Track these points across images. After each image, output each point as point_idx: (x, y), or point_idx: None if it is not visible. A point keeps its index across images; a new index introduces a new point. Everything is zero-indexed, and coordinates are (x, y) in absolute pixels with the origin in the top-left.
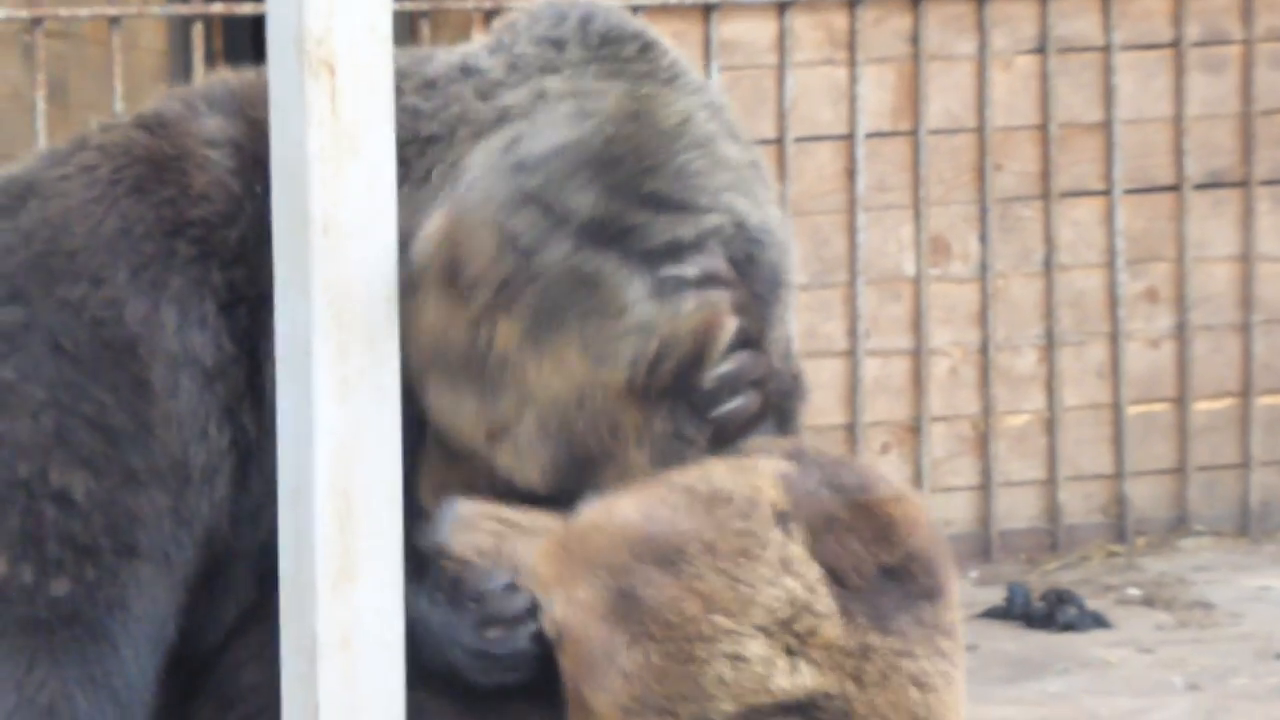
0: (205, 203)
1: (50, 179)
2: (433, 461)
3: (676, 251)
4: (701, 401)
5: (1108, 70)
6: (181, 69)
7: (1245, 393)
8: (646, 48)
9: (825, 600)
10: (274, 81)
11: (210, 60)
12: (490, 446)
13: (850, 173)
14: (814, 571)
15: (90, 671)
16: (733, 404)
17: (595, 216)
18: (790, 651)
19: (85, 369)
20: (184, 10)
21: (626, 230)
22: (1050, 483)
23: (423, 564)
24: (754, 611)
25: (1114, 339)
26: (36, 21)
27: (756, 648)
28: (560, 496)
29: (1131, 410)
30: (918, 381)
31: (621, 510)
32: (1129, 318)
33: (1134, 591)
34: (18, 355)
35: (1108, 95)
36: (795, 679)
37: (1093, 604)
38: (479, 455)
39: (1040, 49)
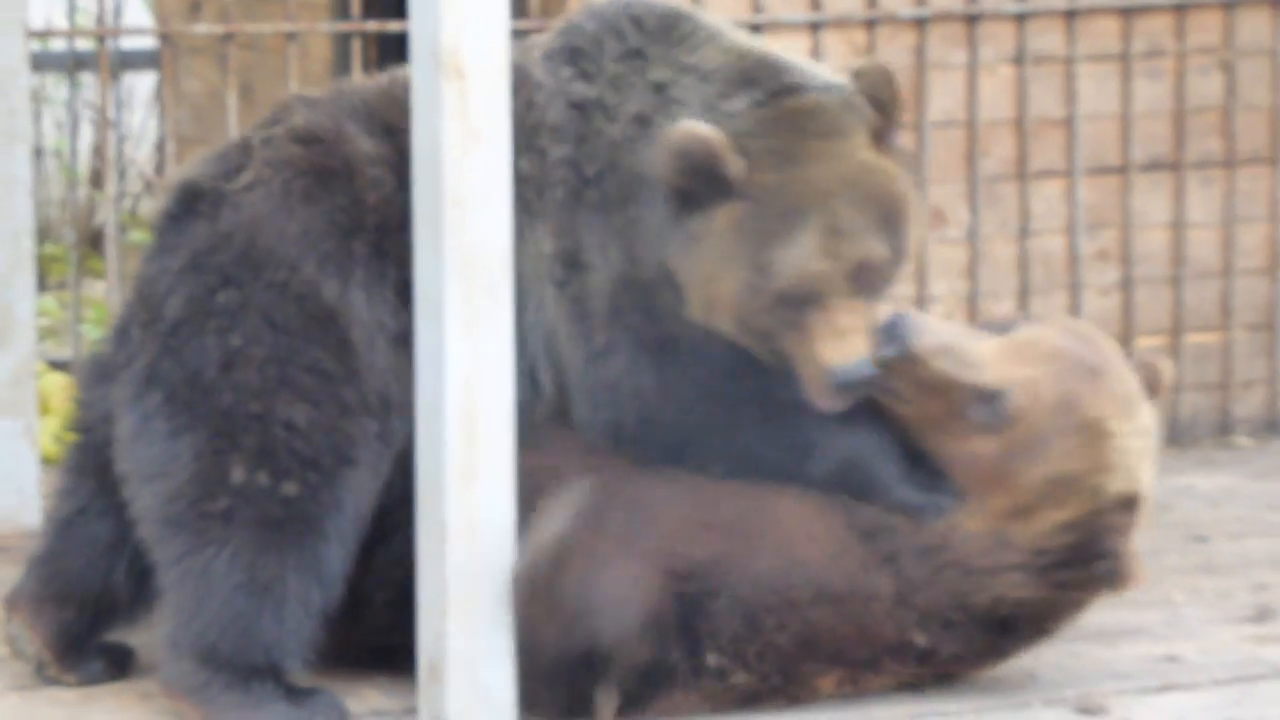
0: (376, 214)
1: (234, 190)
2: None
3: None
4: None
5: (1070, 77)
6: (344, 74)
7: (1176, 331)
8: (691, 21)
9: (1152, 422)
10: (416, 84)
11: (366, 67)
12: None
13: None
14: (1146, 399)
15: (305, 559)
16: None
17: (758, 99)
18: (1143, 455)
19: (295, 333)
20: (345, 27)
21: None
22: None
23: None
24: (1135, 420)
25: (1074, 289)
26: (229, 36)
27: (1137, 445)
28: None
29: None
30: None
31: (1050, 335)
32: (1085, 272)
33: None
34: (241, 326)
35: (1070, 96)
36: (1145, 474)
37: None
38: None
39: (1018, 60)
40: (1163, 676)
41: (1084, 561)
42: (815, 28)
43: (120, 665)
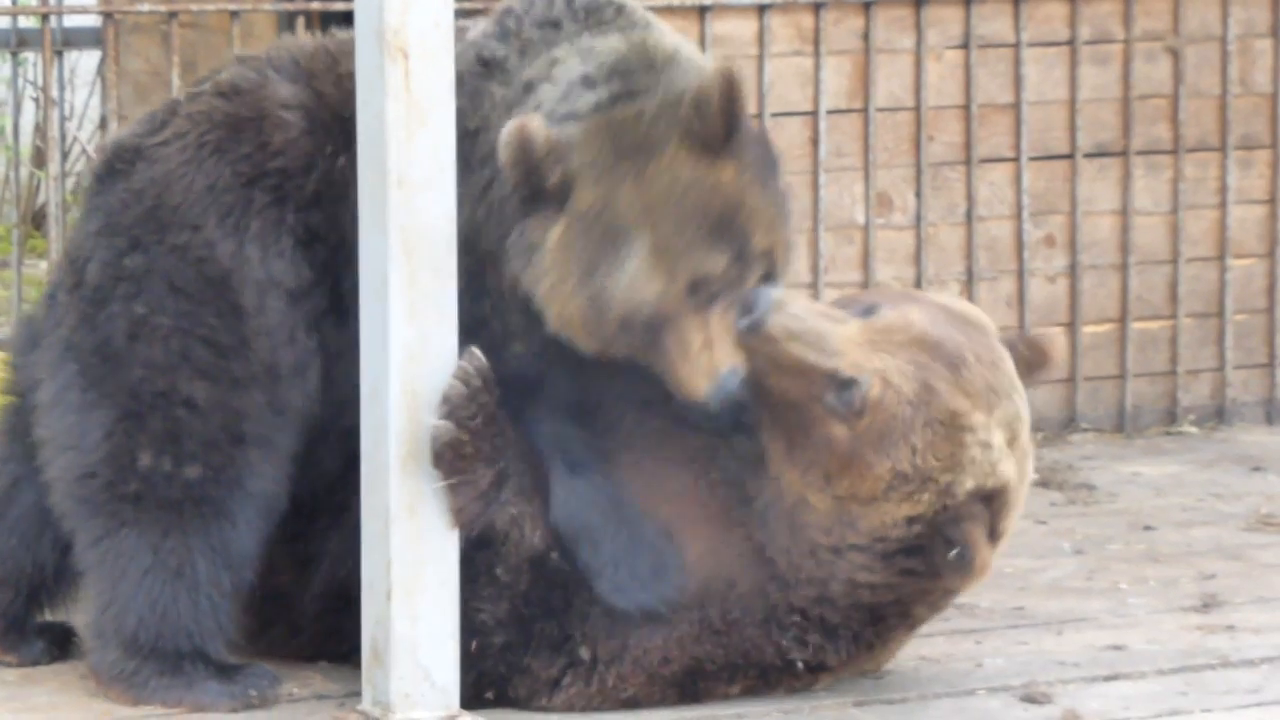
0: (281, 157)
1: (151, 145)
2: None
3: None
4: None
5: (1017, 62)
6: None
7: (1123, 318)
8: (620, 9)
9: (1024, 409)
10: (360, 64)
11: None
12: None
13: (814, 142)
14: (1019, 385)
15: (211, 541)
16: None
17: (600, 102)
18: (1009, 446)
19: (195, 300)
20: (289, 7)
21: None
22: None
23: None
24: (998, 412)
25: (1020, 275)
26: (172, 14)
27: (998, 439)
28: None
29: (1033, 332)
30: None
31: (914, 317)
32: (1032, 259)
33: (1032, 475)
34: (145, 294)
35: (1017, 82)
36: (1007, 468)
37: None
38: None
39: (964, 45)
40: (1109, 665)
41: (929, 551)
42: (762, 10)
43: (61, 645)
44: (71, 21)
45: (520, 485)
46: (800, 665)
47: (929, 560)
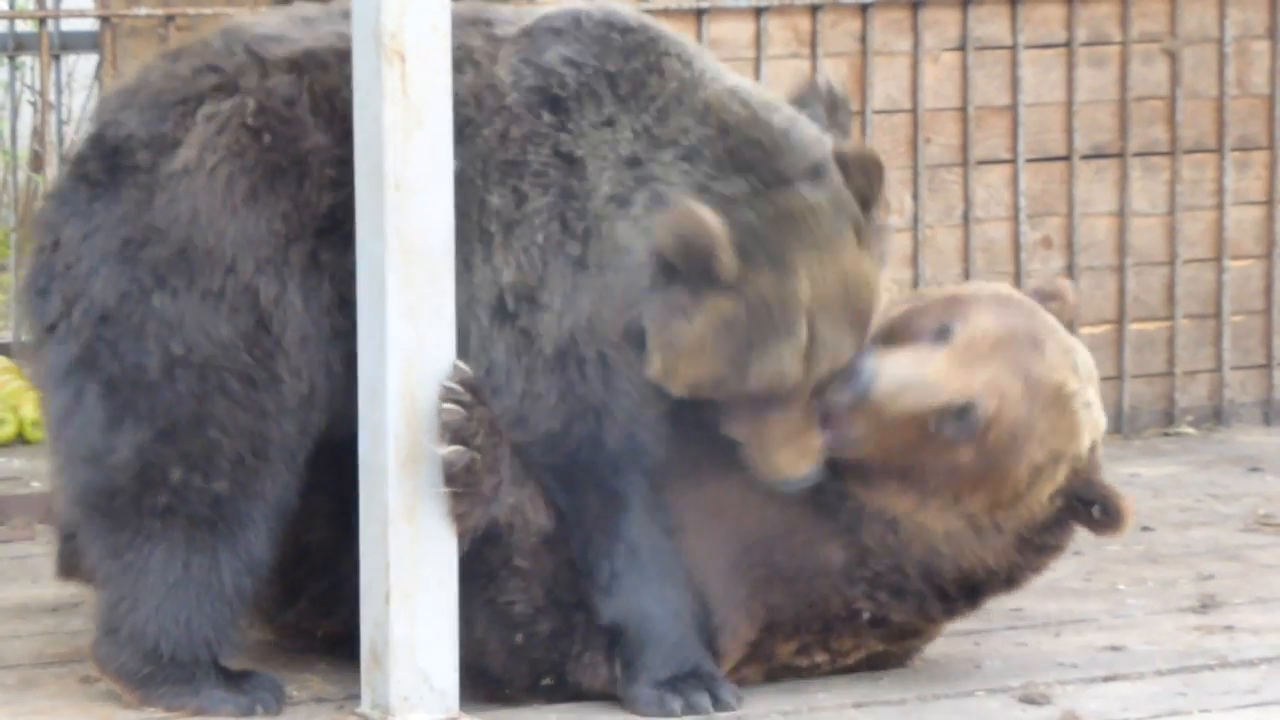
0: (323, 212)
1: (170, 171)
2: None
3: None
4: None
5: (1014, 64)
6: None
7: (1120, 320)
8: (653, 71)
9: (1084, 351)
10: (356, 67)
11: None
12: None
13: None
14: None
15: (237, 552)
16: None
17: (754, 186)
18: (1094, 394)
19: (229, 345)
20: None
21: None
22: None
23: None
24: (1081, 369)
25: (1017, 277)
26: (169, 18)
27: (1094, 398)
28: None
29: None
30: None
31: (986, 324)
32: (1029, 260)
33: None
34: (179, 336)
35: (1014, 84)
36: (1102, 415)
37: None
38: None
39: (961, 47)
40: (1107, 666)
41: (1075, 517)
42: (759, 13)
43: None
44: (69, 25)
45: (514, 475)
46: (865, 617)
47: (1079, 526)
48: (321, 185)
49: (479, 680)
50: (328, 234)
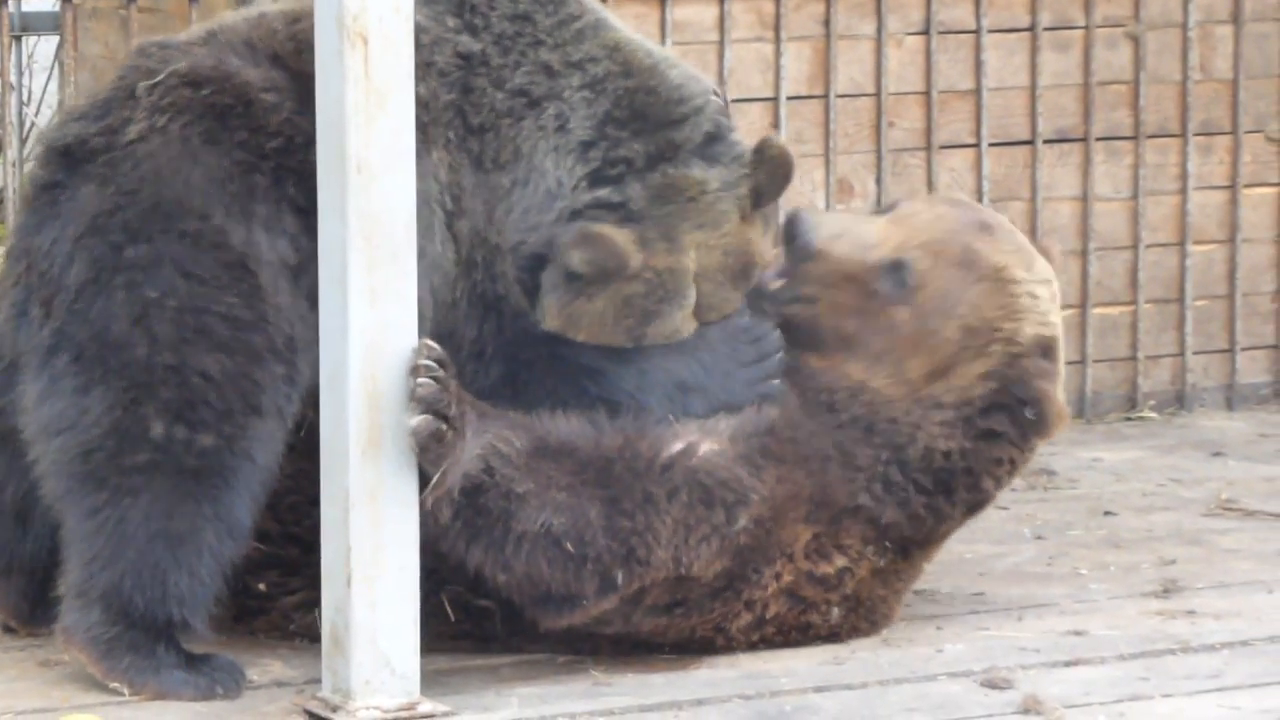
0: (279, 137)
1: (125, 143)
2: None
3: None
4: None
5: (978, 48)
6: None
7: (1083, 304)
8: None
9: (1055, 281)
10: (319, 49)
11: None
12: None
13: (775, 128)
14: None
15: (219, 510)
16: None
17: (650, 153)
18: (1051, 301)
19: (211, 283)
20: None
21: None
22: None
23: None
24: (1035, 269)
25: None
26: (131, 0)
27: (1043, 292)
28: None
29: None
30: None
31: (932, 204)
32: None
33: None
34: (152, 280)
35: (978, 68)
36: (1056, 319)
37: None
38: None
39: (925, 31)
40: (1069, 651)
41: (1008, 408)
42: None
43: None
44: (30, 6)
45: (475, 428)
46: (869, 508)
47: (1007, 419)
48: (267, 109)
49: (547, 612)
50: (285, 156)
